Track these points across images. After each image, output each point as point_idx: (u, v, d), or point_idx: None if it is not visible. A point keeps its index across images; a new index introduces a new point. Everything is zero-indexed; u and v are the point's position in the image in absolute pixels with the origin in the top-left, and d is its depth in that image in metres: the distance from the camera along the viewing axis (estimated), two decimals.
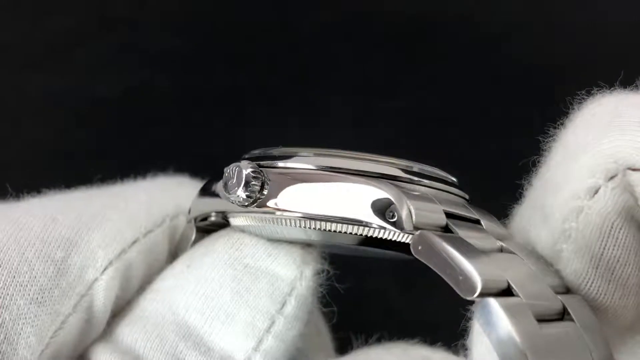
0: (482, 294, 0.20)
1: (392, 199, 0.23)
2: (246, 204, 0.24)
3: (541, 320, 0.21)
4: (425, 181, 0.25)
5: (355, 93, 0.58)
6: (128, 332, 0.26)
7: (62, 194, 0.29)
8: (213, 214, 0.27)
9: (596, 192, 0.23)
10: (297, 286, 0.26)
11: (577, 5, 0.59)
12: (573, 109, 0.25)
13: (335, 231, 0.24)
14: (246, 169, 0.24)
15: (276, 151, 0.26)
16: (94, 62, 0.58)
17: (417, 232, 0.22)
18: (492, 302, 0.20)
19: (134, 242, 0.27)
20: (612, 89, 0.25)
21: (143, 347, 0.25)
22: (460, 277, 0.21)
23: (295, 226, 0.24)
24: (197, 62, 0.59)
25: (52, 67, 0.58)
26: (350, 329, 0.28)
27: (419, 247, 0.22)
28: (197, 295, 0.26)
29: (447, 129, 0.57)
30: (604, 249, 0.23)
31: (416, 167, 0.25)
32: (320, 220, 0.24)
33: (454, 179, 0.26)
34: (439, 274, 0.21)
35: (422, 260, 0.22)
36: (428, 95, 0.58)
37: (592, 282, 0.24)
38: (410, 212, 0.23)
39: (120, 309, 0.28)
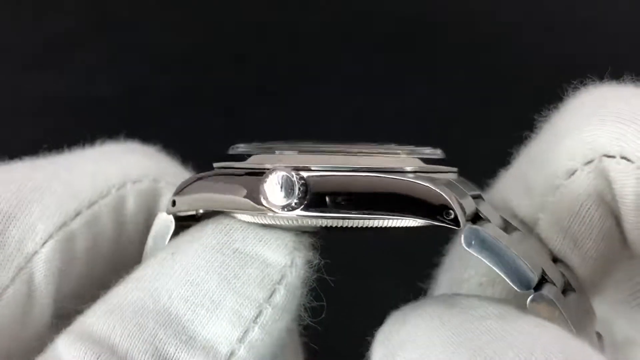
0: (535, 287, 0.24)
1: (447, 198, 0.23)
2: (289, 210, 0.24)
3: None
4: (440, 167, 0.26)
5: (355, 93, 0.58)
6: (104, 321, 0.24)
7: (4, 165, 0.28)
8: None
9: (573, 173, 0.26)
10: (287, 274, 0.25)
11: (577, 5, 0.59)
12: (567, 95, 0.28)
13: (378, 227, 0.24)
14: (290, 174, 0.24)
15: (285, 147, 0.26)
16: (94, 62, 0.58)
17: (467, 227, 0.23)
18: (547, 295, 0.24)
19: (77, 214, 0.27)
20: (603, 81, 0.28)
21: (119, 335, 0.24)
22: (515, 273, 0.24)
23: (336, 226, 0.24)
24: (197, 62, 0.59)
25: (52, 67, 0.58)
26: (346, 329, 0.27)
27: (472, 242, 0.23)
28: (182, 282, 0.24)
29: (447, 128, 0.57)
30: (571, 223, 0.26)
31: (431, 154, 0.26)
32: (366, 219, 0.24)
33: (443, 153, 0.27)
34: (491, 266, 0.24)
35: (474, 253, 0.23)
36: (428, 95, 0.58)
37: (558, 249, 0.27)
38: (462, 208, 0.24)
39: (67, 286, 0.27)
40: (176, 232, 0.27)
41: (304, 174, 0.24)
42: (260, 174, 0.25)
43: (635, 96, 0.26)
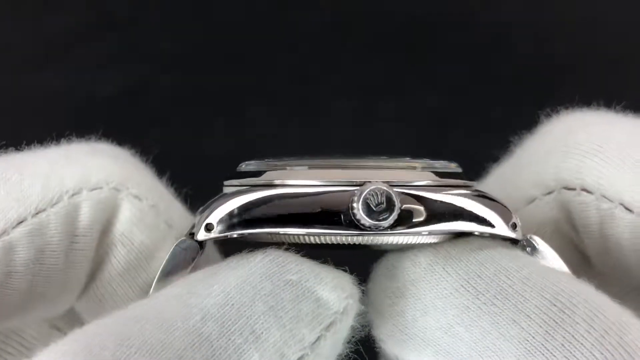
0: None
1: (512, 211, 0.25)
2: (389, 227, 0.23)
3: None
4: (473, 182, 0.26)
5: (355, 93, 0.58)
6: (115, 331, 0.20)
7: None
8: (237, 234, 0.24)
9: (532, 201, 0.27)
10: (337, 321, 0.22)
11: (577, 5, 0.59)
12: (541, 122, 0.29)
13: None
14: (392, 191, 0.23)
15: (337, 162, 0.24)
16: (94, 62, 0.58)
17: (527, 236, 0.25)
18: None
19: (20, 222, 0.24)
20: (573, 107, 0.29)
21: (136, 349, 0.20)
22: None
23: (421, 242, 0.24)
24: (197, 62, 0.59)
25: (52, 67, 0.57)
26: None
27: (528, 249, 0.25)
28: (220, 303, 0.21)
29: (447, 128, 0.57)
30: None
31: (447, 167, 0.26)
32: (440, 233, 0.24)
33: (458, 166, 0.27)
34: None
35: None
36: (428, 95, 0.58)
37: None
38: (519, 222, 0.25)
39: (3, 302, 0.24)
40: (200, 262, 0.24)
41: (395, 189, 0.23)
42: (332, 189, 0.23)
43: (599, 125, 0.27)
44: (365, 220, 0.23)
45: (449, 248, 0.24)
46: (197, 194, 0.30)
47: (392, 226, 0.23)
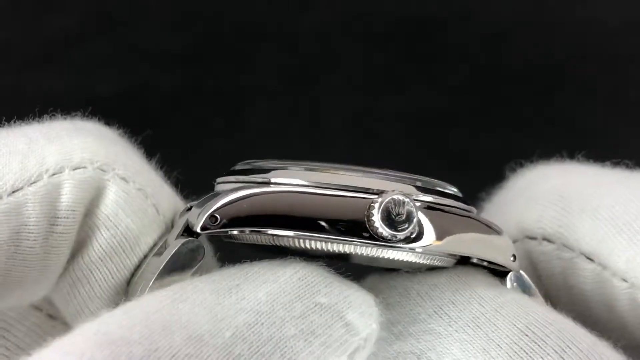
0: None
1: (513, 245, 0.25)
2: (403, 239, 0.22)
3: None
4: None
5: (355, 93, 0.58)
6: (144, 336, 0.19)
7: None
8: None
9: None
10: (360, 348, 0.21)
11: (577, 5, 0.59)
12: (507, 177, 0.30)
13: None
14: (409, 199, 0.22)
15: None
16: (94, 62, 0.58)
17: (517, 273, 0.25)
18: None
19: None
20: (536, 162, 0.30)
21: None
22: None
23: (430, 262, 0.24)
24: (197, 62, 0.59)
25: (52, 67, 0.58)
26: None
27: (514, 284, 0.25)
28: (250, 322, 0.20)
29: (447, 128, 0.57)
30: None
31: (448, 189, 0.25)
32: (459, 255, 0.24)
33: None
34: None
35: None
36: (428, 95, 0.58)
37: None
38: None
39: None
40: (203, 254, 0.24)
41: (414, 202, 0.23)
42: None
43: (559, 176, 0.27)
44: (383, 230, 0.22)
45: (425, 275, 0.24)
46: (189, 182, 0.29)
47: (406, 240, 0.22)
